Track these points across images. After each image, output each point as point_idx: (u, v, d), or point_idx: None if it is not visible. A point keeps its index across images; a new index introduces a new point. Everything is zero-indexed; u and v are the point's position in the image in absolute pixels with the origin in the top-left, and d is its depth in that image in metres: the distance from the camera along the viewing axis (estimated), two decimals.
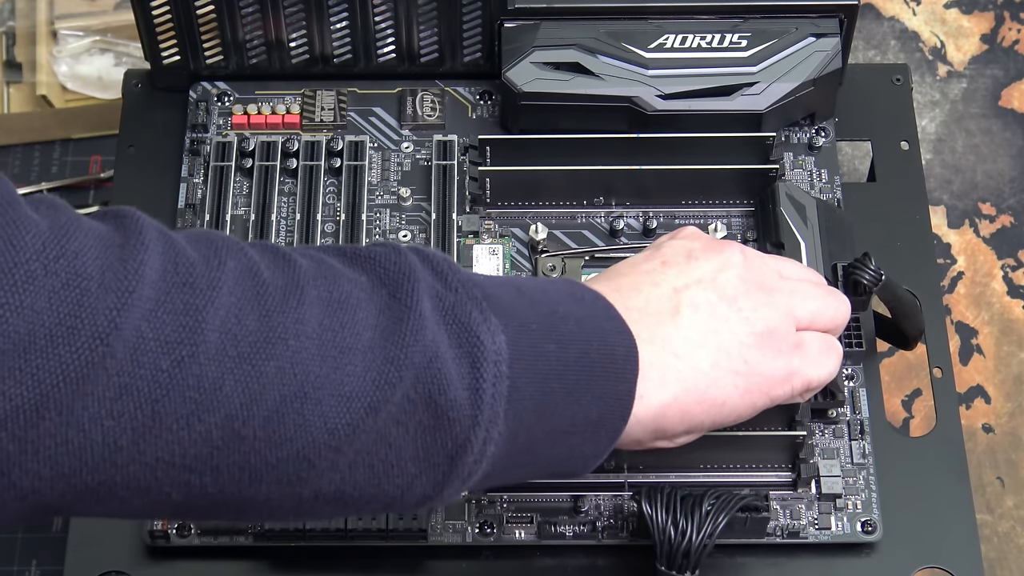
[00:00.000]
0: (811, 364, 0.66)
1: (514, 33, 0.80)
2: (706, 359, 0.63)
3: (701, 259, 0.66)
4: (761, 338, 0.64)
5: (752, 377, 0.64)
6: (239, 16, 0.81)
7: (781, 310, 0.65)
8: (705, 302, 0.64)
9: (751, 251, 0.67)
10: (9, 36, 1.01)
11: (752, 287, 0.65)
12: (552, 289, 0.61)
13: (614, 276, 0.66)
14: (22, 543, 0.84)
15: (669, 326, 0.63)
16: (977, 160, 0.97)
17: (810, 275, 0.69)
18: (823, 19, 0.80)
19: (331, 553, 0.71)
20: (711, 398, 0.63)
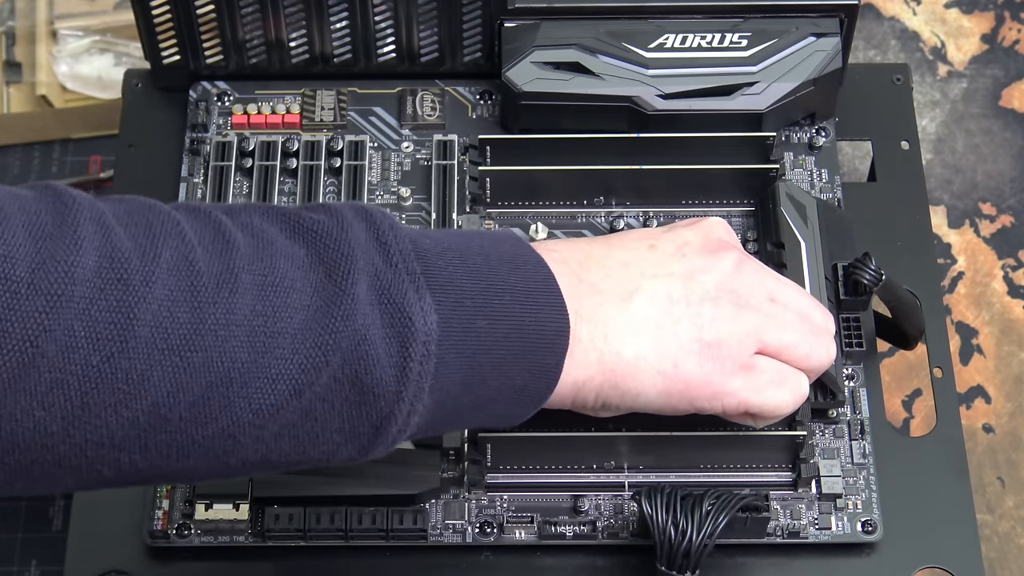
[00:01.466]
0: (754, 390, 0.65)
1: (514, 33, 0.80)
2: (633, 349, 0.63)
3: (689, 255, 0.65)
4: (706, 347, 0.64)
5: (675, 381, 0.64)
6: (239, 16, 0.81)
7: (744, 328, 0.65)
8: (665, 296, 0.64)
9: (753, 264, 0.67)
10: (9, 36, 1.01)
11: (725, 297, 0.65)
12: (495, 255, 0.61)
13: (592, 244, 0.66)
14: (22, 543, 0.84)
15: (613, 308, 0.63)
16: (977, 160, 0.97)
17: (808, 310, 0.68)
18: (823, 19, 0.80)
19: (331, 553, 0.71)
20: (625, 387, 0.63)
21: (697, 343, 0.64)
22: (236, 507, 0.70)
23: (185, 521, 0.71)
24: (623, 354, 0.63)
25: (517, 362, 0.60)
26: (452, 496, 0.72)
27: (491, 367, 0.59)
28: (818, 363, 0.67)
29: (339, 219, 0.58)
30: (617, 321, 0.63)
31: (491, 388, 0.60)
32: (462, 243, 0.61)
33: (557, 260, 0.63)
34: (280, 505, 0.70)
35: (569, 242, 0.66)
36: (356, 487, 0.70)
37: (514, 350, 0.60)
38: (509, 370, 0.60)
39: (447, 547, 0.71)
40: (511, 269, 0.61)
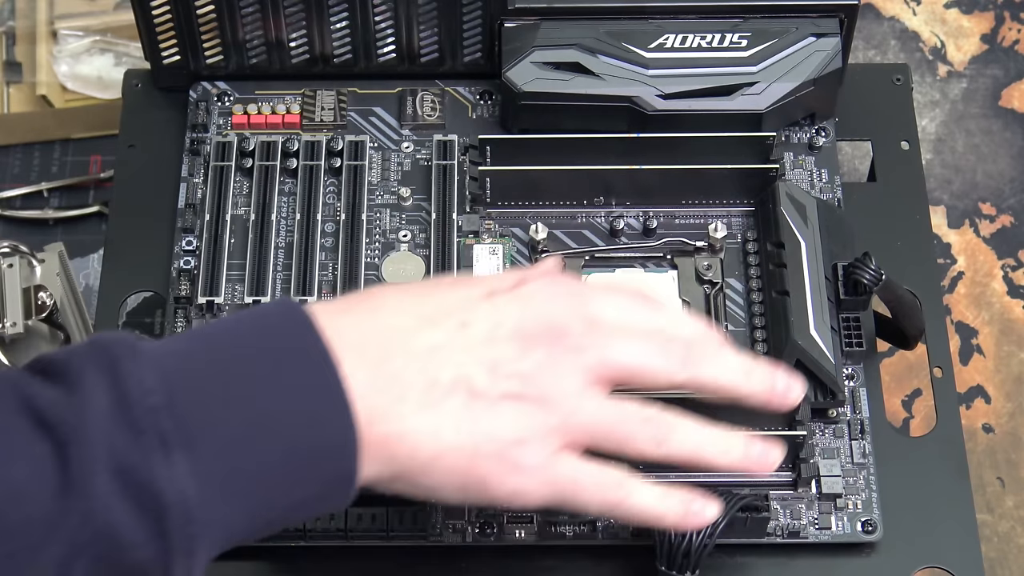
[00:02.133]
0: (553, 487, 0.61)
1: (514, 33, 0.80)
2: (429, 450, 0.59)
3: (500, 341, 0.61)
4: (506, 446, 0.60)
5: (471, 479, 0.60)
6: (239, 16, 0.81)
7: (547, 427, 0.61)
8: (466, 391, 0.60)
9: (571, 350, 0.61)
10: (9, 36, 1.01)
11: (531, 393, 0.61)
12: (265, 366, 0.57)
13: (400, 315, 0.61)
14: None
15: (411, 406, 0.59)
16: (977, 160, 0.97)
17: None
18: (823, 19, 0.80)
19: (331, 553, 0.71)
20: (421, 484, 0.61)
21: (495, 443, 0.60)
22: None
23: None
24: (418, 455, 0.59)
25: (303, 483, 0.57)
26: None
27: (274, 496, 0.57)
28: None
29: (74, 388, 0.55)
30: (414, 420, 0.59)
31: (284, 507, 0.58)
32: (223, 361, 0.57)
33: (353, 347, 0.58)
34: None
35: (372, 311, 0.61)
36: None
37: (296, 475, 0.57)
38: (297, 489, 0.57)
39: (447, 547, 0.71)
40: (288, 388, 0.57)
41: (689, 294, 0.76)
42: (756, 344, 0.75)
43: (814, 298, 0.73)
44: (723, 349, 0.65)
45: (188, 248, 0.79)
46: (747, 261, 0.77)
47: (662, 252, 0.78)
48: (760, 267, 0.77)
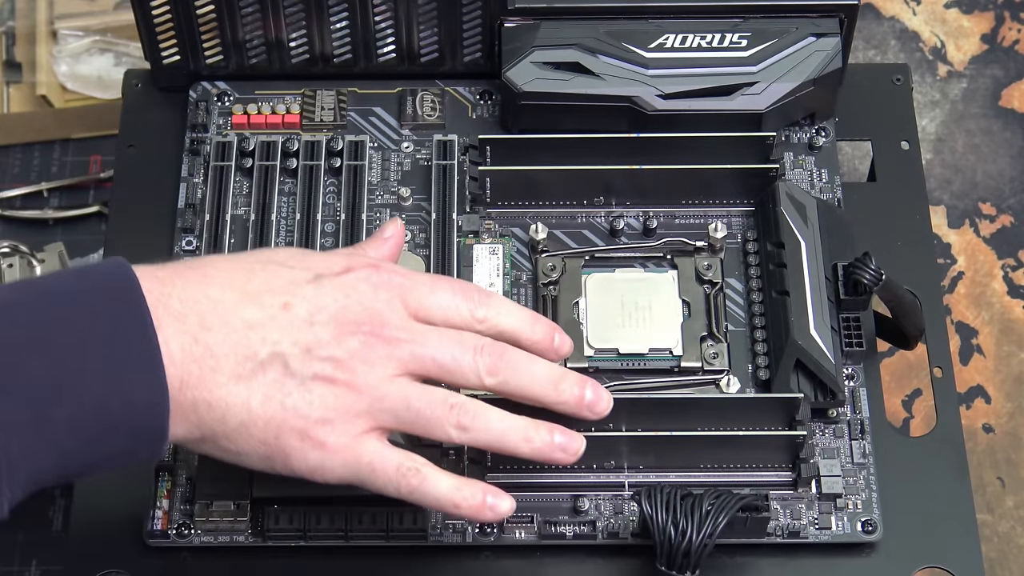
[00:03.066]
0: (351, 468, 0.65)
1: (514, 33, 0.80)
2: (237, 418, 0.63)
3: (319, 325, 0.64)
4: (312, 424, 0.63)
5: (277, 451, 0.64)
6: (239, 16, 0.81)
7: (354, 409, 0.64)
8: (281, 367, 0.63)
9: (385, 341, 0.65)
10: (9, 36, 1.01)
11: (343, 378, 0.64)
12: (86, 329, 0.60)
13: (224, 289, 0.64)
14: (22, 543, 0.84)
15: (224, 377, 0.62)
16: (977, 160, 0.97)
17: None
18: (823, 19, 0.80)
19: (331, 553, 0.71)
20: (228, 448, 0.64)
21: (302, 420, 0.63)
22: (236, 507, 0.70)
23: (185, 521, 0.71)
24: (227, 422, 0.62)
25: (112, 436, 0.60)
26: None
27: (83, 445, 0.60)
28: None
29: None
30: (226, 389, 0.62)
31: (94, 457, 0.61)
32: (50, 318, 0.60)
33: (175, 314, 0.62)
34: (280, 505, 0.70)
35: (200, 281, 0.64)
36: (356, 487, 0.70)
37: (105, 428, 0.60)
38: (107, 441, 0.60)
39: (447, 547, 0.71)
40: (104, 344, 0.60)
41: (689, 294, 0.76)
42: (756, 344, 0.75)
43: (814, 298, 0.73)
44: (533, 359, 0.67)
45: (188, 248, 0.79)
46: (747, 261, 0.77)
47: (662, 252, 0.78)
48: (760, 267, 0.77)
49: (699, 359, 0.74)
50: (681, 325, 0.75)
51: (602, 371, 0.74)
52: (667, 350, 0.75)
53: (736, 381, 0.74)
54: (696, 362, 0.74)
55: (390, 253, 0.72)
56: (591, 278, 0.77)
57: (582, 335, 0.75)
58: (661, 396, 0.72)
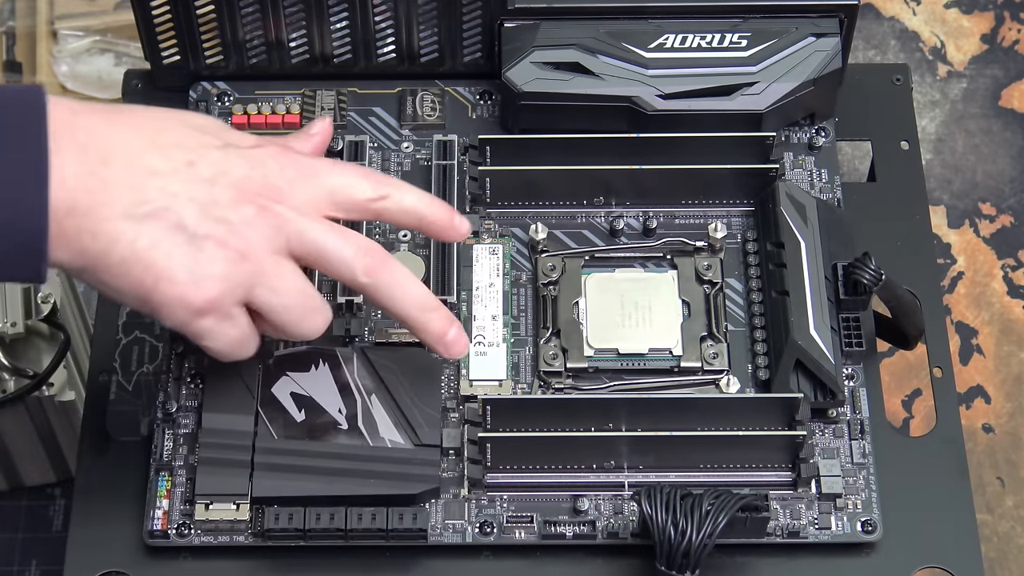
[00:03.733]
0: (217, 333, 0.67)
1: (514, 33, 0.80)
2: (119, 255, 0.63)
3: (220, 187, 0.66)
4: (193, 280, 0.65)
5: (152, 296, 0.65)
6: (239, 16, 0.81)
7: (234, 280, 0.65)
8: (175, 221, 0.64)
9: (277, 219, 0.66)
10: (9, 36, 1.02)
11: (231, 243, 0.65)
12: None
13: (138, 134, 0.65)
14: (22, 543, 0.84)
15: (115, 212, 0.63)
16: (977, 160, 0.97)
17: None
18: (823, 19, 0.80)
19: (331, 553, 0.71)
20: (107, 283, 0.65)
21: (185, 273, 0.64)
22: (236, 507, 0.70)
23: (185, 521, 0.71)
24: (109, 256, 0.64)
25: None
26: (452, 496, 0.72)
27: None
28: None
29: None
30: (113, 224, 0.63)
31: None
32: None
33: (79, 144, 0.63)
34: (280, 505, 0.70)
35: (112, 122, 0.65)
36: (356, 487, 0.70)
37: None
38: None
39: (447, 547, 0.71)
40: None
41: (689, 294, 0.76)
42: (756, 344, 0.75)
43: (814, 298, 0.73)
44: (413, 279, 0.69)
45: None
46: (747, 261, 0.77)
47: (662, 252, 0.78)
48: (760, 267, 0.77)
49: (699, 359, 0.74)
50: (681, 325, 0.75)
51: (602, 371, 0.74)
52: (667, 350, 0.75)
53: (736, 381, 0.74)
54: (696, 362, 0.74)
55: (312, 148, 0.73)
56: (591, 278, 0.77)
57: (582, 335, 0.75)
58: (661, 396, 0.73)
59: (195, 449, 0.72)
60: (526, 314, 0.76)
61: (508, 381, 0.74)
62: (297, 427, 0.72)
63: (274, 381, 0.73)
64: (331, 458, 0.71)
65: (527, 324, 0.76)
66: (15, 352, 0.86)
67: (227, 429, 0.71)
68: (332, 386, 0.73)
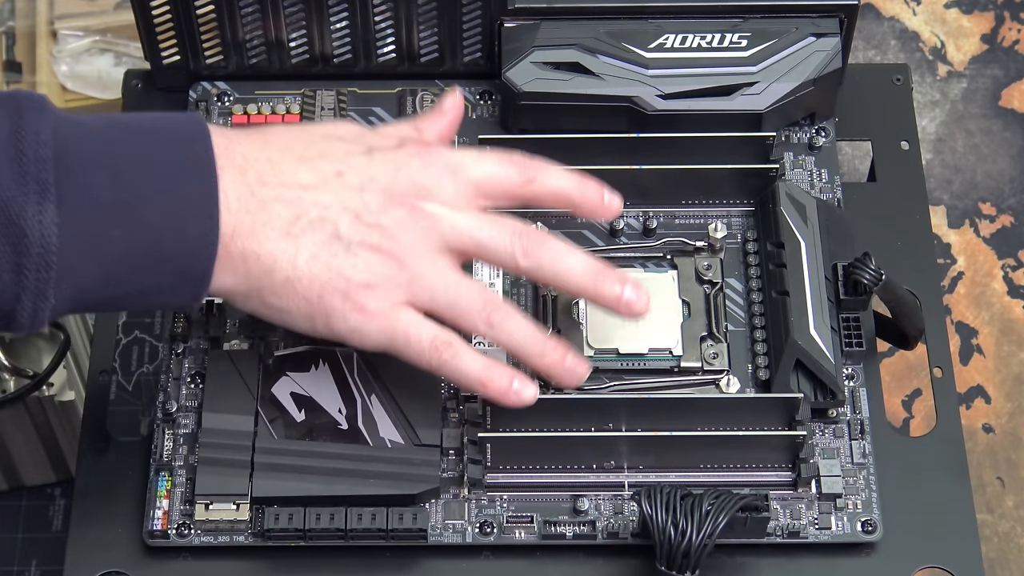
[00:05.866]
0: (389, 335, 0.67)
1: (514, 33, 0.80)
2: (283, 274, 0.66)
3: (369, 193, 0.67)
4: (355, 288, 0.66)
5: (319, 310, 0.67)
6: (239, 16, 0.81)
7: (396, 280, 0.67)
8: (331, 231, 0.66)
9: (432, 218, 0.68)
10: (9, 36, 1.02)
11: (388, 247, 0.67)
12: (158, 159, 0.63)
13: (284, 153, 0.67)
14: (22, 543, 0.84)
15: (275, 231, 0.65)
16: (977, 160, 0.97)
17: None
18: (823, 19, 0.80)
19: (331, 553, 0.71)
20: (272, 304, 0.67)
21: (345, 281, 0.66)
22: (236, 507, 0.70)
23: (185, 521, 0.71)
24: (273, 275, 0.65)
25: (158, 268, 0.63)
26: (452, 496, 0.72)
27: (130, 271, 0.63)
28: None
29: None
30: (274, 243, 0.65)
31: (136, 286, 0.64)
32: (122, 143, 0.64)
33: (237, 167, 0.65)
34: (280, 505, 0.70)
35: (262, 143, 0.67)
36: (356, 487, 0.70)
37: (154, 258, 0.63)
38: (153, 272, 0.63)
39: (447, 547, 0.71)
40: (168, 177, 0.63)
41: (689, 294, 0.76)
42: (756, 344, 0.75)
43: (814, 298, 0.73)
44: (572, 251, 0.70)
45: None
46: (747, 261, 0.77)
47: (662, 252, 0.78)
48: (760, 267, 0.77)
49: (699, 359, 0.74)
50: (681, 325, 0.75)
51: (602, 371, 0.74)
52: (667, 350, 0.75)
53: (736, 381, 0.74)
54: (696, 362, 0.74)
55: (447, 128, 0.74)
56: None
57: (582, 335, 0.75)
58: (661, 396, 0.73)
59: (195, 449, 0.72)
60: None
61: None
62: (297, 427, 0.72)
63: (274, 381, 0.73)
64: (331, 458, 0.71)
65: None
66: (15, 352, 0.86)
67: (227, 429, 0.71)
68: (332, 386, 0.73)
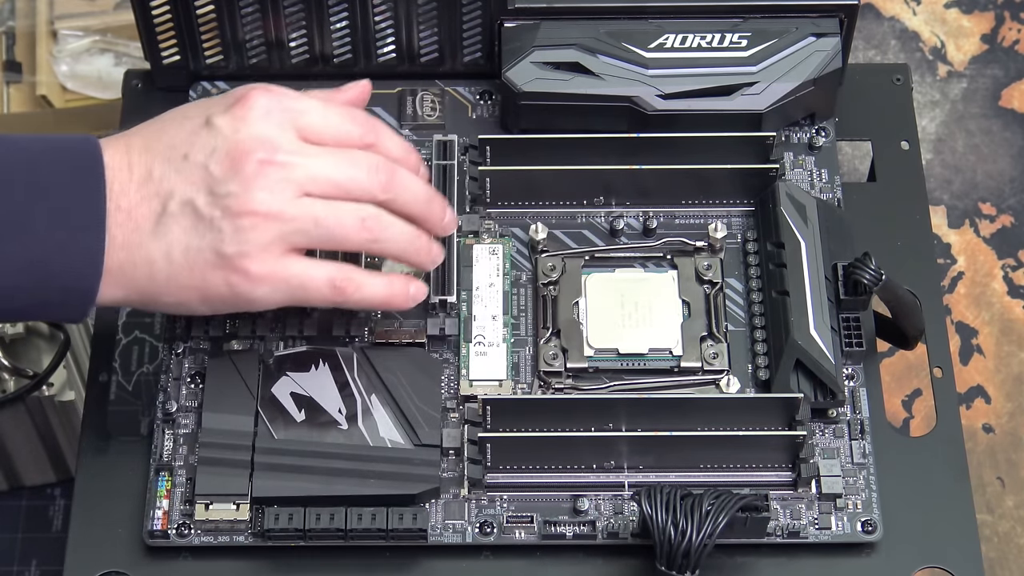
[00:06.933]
0: (282, 289, 0.68)
1: (514, 33, 0.80)
2: (163, 272, 0.66)
3: (214, 164, 0.67)
4: (229, 259, 0.66)
5: (208, 290, 0.67)
6: (239, 16, 0.81)
7: (264, 239, 0.67)
8: (191, 213, 0.66)
9: (279, 174, 0.67)
10: (9, 36, 1.02)
11: (246, 210, 0.66)
12: (44, 178, 0.64)
13: (143, 143, 0.67)
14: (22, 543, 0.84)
15: (145, 235, 0.66)
16: (977, 160, 0.97)
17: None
18: (823, 19, 0.80)
19: (331, 553, 0.71)
20: (163, 302, 0.67)
21: (221, 257, 0.66)
22: (236, 507, 0.70)
23: (185, 521, 0.71)
24: (155, 278, 0.66)
25: (44, 285, 0.64)
26: (452, 496, 0.72)
27: (15, 288, 0.64)
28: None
29: None
30: (146, 248, 0.66)
31: (22, 300, 0.65)
32: (11, 163, 0.65)
33: (106, 180, 0.66)
34: (280, 505, 0.70)
35: (124, 147, 0.67)
36: (356, 487, 0.70)
37: (40, 275, 0.64)
38: (38, 290, 0.65)
39: (447, 547, 0.71)
40: (56, 197, 0.64)
41: (689, 294, 0.76)
42: (756, 344, 0.75)
43: (814, 298, 0.73)
44: (415, 178, 0.71)
45: None
46: (747, 261, 0.77)
47: (662, 252, 0.78)
48: (760, 267, 0.77)
49: (699, 359, 0.74)
50: (681, 325, 0.75)
51: (602, 371, 0.74)
52: (667, 350, 0.75)
53: (736, 381, 0.74)
54: (696, 362, 0.74)
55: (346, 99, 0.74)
56: (591, 278, 0.77)
57: (582, 335, 0.75)
58: (661, 396, 0.73)
59: (195, 449, 0.72)
60: (526, 314, 0.76)
61: (508, 381, 0.74)
62: (297, 427, 0.72)
63: (274, 381, 0.73)
64: (331, 458, 0.71)
65: (527, 324, 0.76)
66: (15, 352, 0.86)
67: (227, 429, 0.71)
68: (332, 386, 0.73)
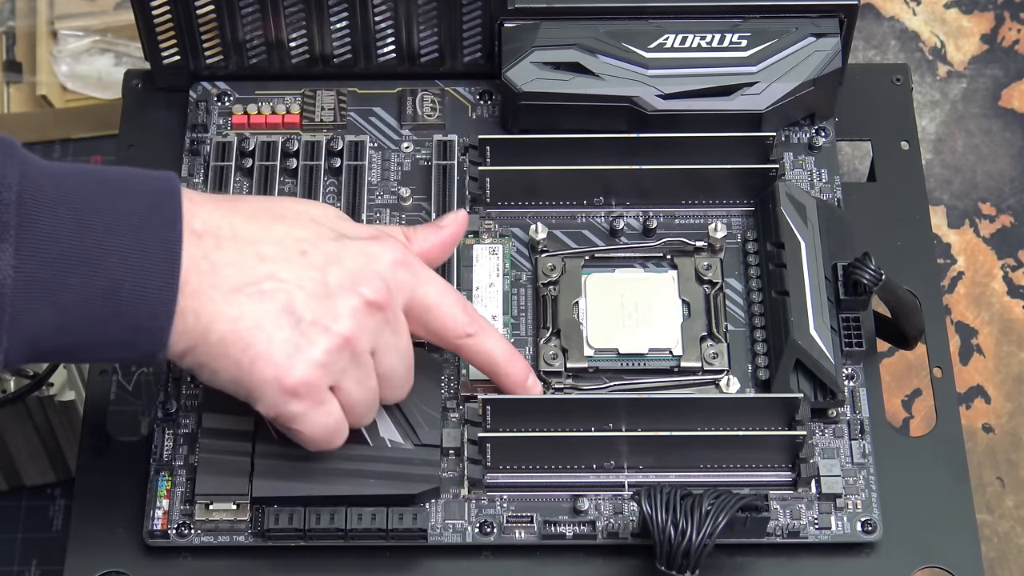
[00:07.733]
0: (306, 419, 0.67)
1: (514, 33, 0.80)
2: (218, 335, 0.64)
3: (333, 276, 0.66)
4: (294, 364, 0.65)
5: (249, 376, 0.65)
6: (239, 16, 0.81)
7: (331, 370, 0.66)
8: (283, 305, 0.65)
9: (386, 323, 0.67)
10: (9, 36, 1.02)
11: (340, 339, 0.65)
12: (122, 212, 0.62)
13: (252, 223, 0.66)
14: (22, 543, 0.84)
15: (221, 295, 0.64)
16: (977, 160, 0.97)
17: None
18: (823, 19, 0.80)
19: (331, 553, 0.71)
20: (208, 366, 0.65)
21: (283, 355, 0.65)
22: (236, 507, 0.70)
23: (185, 521, 0.71)
24: (209, 336, 0.64)
25: (115, 320, 0.62)
26: (452, 496, 0.72)
27: (88, 319, 0.62)
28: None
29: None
30: (216, 304, 0.64)
31: (94, 335, 0.63)
32: (89, 193, 0.63)
33: (192, 231, 0.64)
34: (280, 505, 0.70)
35: (229, 209, 0.66)
36: (356, 487, 0.70)
37: (110, 310, 0.62)
38: (109, 325, 0.62)
39: (447, 547, 0.71)
40: (132, 231, 0.62)
41: (689, 294, 0.76)
42: (756, 344, 0.75)
43: (814, 298, 0.73)
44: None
45: None
46: (747, 261, 0.77)
47: (662, 252, 0.78)
48: (760, 267, 0.77)
49: (699, 359, 0.74)
50: (681, 325, 0.75)
51: (602, 371, 0.75)
52: (667, 350, 0.75)
53: (736, 381, 0.74)
54: (696, 362, 0.74)
55: (438, 244, 0.73)
56: (591, 278, 0.77)
57: (582, 335, 0.75)
58: (661, 396, 0.73)
59: (195, 449, 0.72)
60: (526, 314, 0.76)
61: None
62: None
63: None
64: (331, 458, 0.71)
65: (527, 324, 0.76)
66: None
67: (227, 429, 0.71)
68: None
